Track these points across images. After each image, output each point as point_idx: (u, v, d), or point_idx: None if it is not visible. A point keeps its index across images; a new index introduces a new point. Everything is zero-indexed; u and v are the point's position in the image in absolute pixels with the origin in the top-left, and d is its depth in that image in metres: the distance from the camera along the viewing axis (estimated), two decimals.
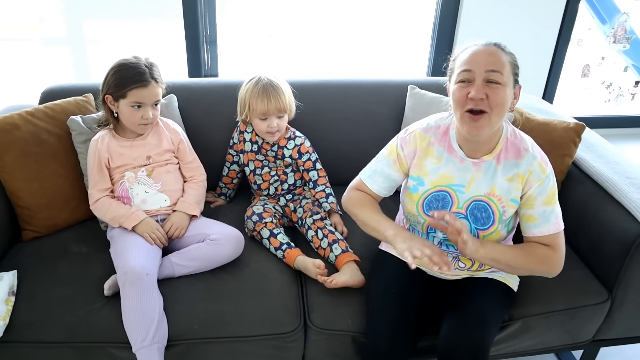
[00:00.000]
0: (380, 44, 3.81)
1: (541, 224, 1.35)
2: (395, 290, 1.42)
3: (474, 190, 1.37)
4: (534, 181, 1.33)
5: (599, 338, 1.67)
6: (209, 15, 2.78)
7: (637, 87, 3.79)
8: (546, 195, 1.34)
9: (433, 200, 1.40)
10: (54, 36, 3.64)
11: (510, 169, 1.34)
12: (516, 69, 1.29)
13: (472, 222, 1.38)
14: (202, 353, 1.42)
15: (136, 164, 1.63)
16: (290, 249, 1.61)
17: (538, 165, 1.33)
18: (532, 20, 2.99)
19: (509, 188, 1.35)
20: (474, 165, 1.36)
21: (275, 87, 1.68)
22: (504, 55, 1.27)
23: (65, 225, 1.70)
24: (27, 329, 1.37)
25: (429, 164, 1.40)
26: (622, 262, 1.53)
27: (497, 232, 1.38)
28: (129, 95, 1.54)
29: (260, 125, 1.70)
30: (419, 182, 1.42)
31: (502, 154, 1.35)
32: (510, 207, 1.36)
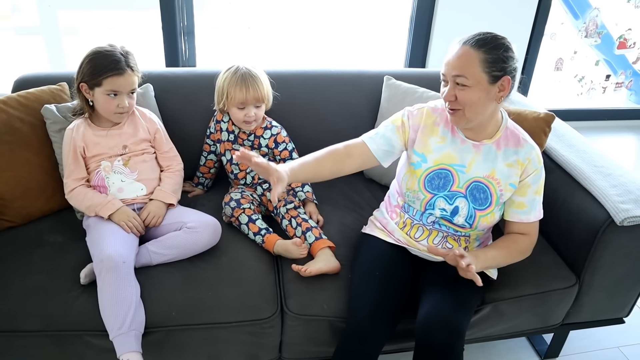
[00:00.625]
0: (359, 36, 3.83)
1: (529, 211, 1.46)
2: (379, 272, 1.46)
3: (474, 171, 1.44)
4: (531, 169, 1.43)
5: (568, 322, 1.73)
6: (186, 6, 2.76)
7: (608, 80, 3.88)
8: (538, 185, 1.45)
9: (435, 178, 1.46)
10: (27, 25, 3.58)
11: (510, 155, 1.43)
12: (496, 63, 1.30)
13: (471, 202, 1.45)
14: (180, 340, 1.43)
15: (112, 154, 1.62)
16: (269, 234, 1.63)
17: (536, 155, 1.44)
18: (507, 14, 3.04)
19: (509, 173, 1.43)
20: (474, 147, 1.44)
21: (253, 77, 1.69)
22: (475, 55, 1.29)
23: (41, 215, 1.69)
24: (3, 318, 1.37)
25: (433, 142, 1.47)
26: (590, 247, 1.58)
27: (492, 214, 1.46)
28: (104, 84, 1.53)
29: (238, 114, 1.71)
30: (423, 159, 1.47)
31: (502, 140, 1.44)
32: (507, 191, 1.45)
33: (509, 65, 1.32)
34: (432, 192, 1.46)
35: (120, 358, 1.32)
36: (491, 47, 1.30)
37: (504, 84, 1.32)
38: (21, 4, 3.54)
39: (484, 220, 1.46)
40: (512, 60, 1.32)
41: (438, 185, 1.46)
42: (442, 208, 1.46)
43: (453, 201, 1.45)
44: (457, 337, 1.32)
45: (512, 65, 1.32)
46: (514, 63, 1.33)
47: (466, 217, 1.45)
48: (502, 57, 1.30)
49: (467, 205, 1.45)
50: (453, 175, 1.45)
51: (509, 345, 1.95)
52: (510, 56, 1.32)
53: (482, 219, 1.45)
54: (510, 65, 1.32)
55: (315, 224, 1.68)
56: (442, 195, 1.46)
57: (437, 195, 1.46)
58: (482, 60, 1.30)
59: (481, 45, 1.30)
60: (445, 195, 1.46)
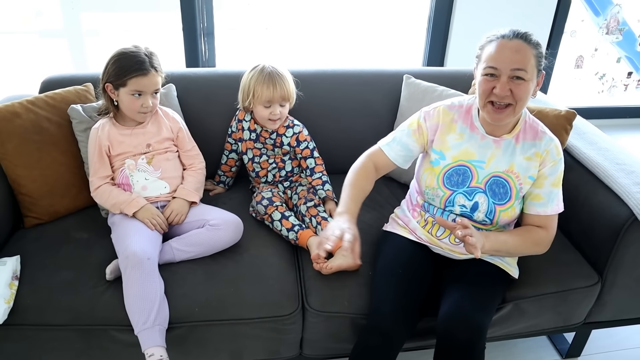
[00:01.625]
0: (377, 35, 3.84)
1: (546, 203, 1.44)
2: (401, 270, 1.46)
3: (493, 166, 1.44)
4: (549, 161, 1.42)
5: (590, 320, 1.71)
6: (206, 7, 2.79)
7: (629, 78, 3.83)
8: (556, 177, 1.44)
9: (454, 174, 1.47)
10: (51, 29, 3.65)
11: (529, 148, 1.43)
12: (541, 59, 1.35)
13: (490, 197, 1.45)
14: (202, 335, 1.46)
15: (136, 152, 1.65)
16: (302, 230, 1.65)
17: (555, 147, 1.43)
18: (526, 11, 3.01)
19: (528, 166, 1.43)
20: (494, 142, 1.44)
21: (280, 75, 1.71)
22: (529, 49, 1.32)
23: (67, 212, 1.73)
24: (31, 312, 1.40)
25: (451, 139, 1.47)
26: (612, 245, 1.56)
27: (513, 209, 1.46)
28: (129, 84, 1.56)
29: (263, 112, 1.73)
30: (441, 156, 1.48)
31: (521, 134, 1.44)
32: (526, 184, 1.44)
33: (543, 60, 1.37)
34: (451, 188, 1.47)
35: (145, 352, 1.34)
36: (537, 44, 1.34)
37: (539, 80, 1.38)
38: (44, 7, 3.61)
39: (504, 215, 1.45)
40: (543, 58, 1.37)
41: (457, 182, 1.46)
42: (461, 204, 1.46)
43: (472, 197, 1.45)
44: (479, 336, 1.32)
45: (543, 61, 1.37)
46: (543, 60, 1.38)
47: (486, 213, 1.45)
48: (542, 54, 1.36)
49: (487, 201, 1.45)
50: (472, 171, 1.46)
51: (530, 344, 1.94)
52: (542, 51, 1.36)
53: (503, 213, 1.45)
54: (543, 59, 1.37)
55: None
56: (461, 191, 1.46)
57: (457, 192, 1.46)
58: (534, 55, 1.33)
59: (531, 41, 1.33)
60: (464, 192, 1.46)
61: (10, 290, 1.40)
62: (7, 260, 1.47)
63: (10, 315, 1.38)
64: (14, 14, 3.59)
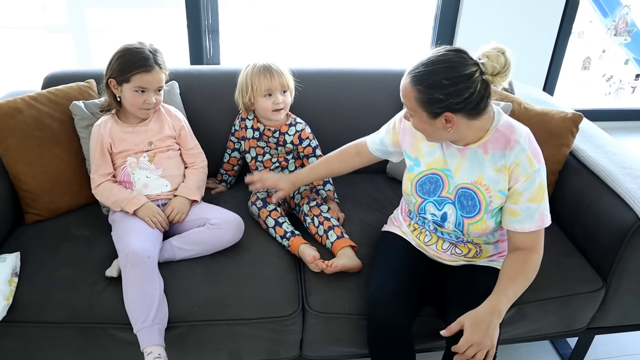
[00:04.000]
0: (383, 34, 3.82)
1: (524, 220, 1.33)
2: (396, 264, 1.46)
3: (460, 177, 1.38)
4: (520, 175, 1.30)
5: (594, 326, 1.70)
6: (211, 4, 2.78)
7: (637, 80, 3.79)
8: (532, 191, 1.31)
9: (426, 182, 1.44)
10: (56, 24, 3.65)
11: (499, 159, 1.32)
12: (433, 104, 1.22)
13: (458, 209, 1.39)
14: (202, 335, 1.45)
15: (138, 150, 1.64)
16: (294, 237, 1.63)
17: (526, 159, 1.29)
18: (534, 12, 2.99)
19: (497, 179, 1.33)
20: (459, 151, 1.37)
21: (274, 66, 1.72)
22: (412, 92, 1.24)
23: (68, 209, 1.72)
24: (30, 309, 1.40)
25: (425, 146, 1.44)
26: (617, 250, 1.54)
27: (483, 222, 1.38)
28: (132, 80, 1.55)
29: (265, 103, 1.71)
30: (416, 163, 1.46)
31: (490, 143, 1.33)
32: (497, 197, 1.34)
33: (450, 102, 1.21)
34: (422, 196, 1.44)
35: (144, 351, 1.34)
36: (426, 86, 1.21)
37: (447, 118, 1.25)
38: (50, 2, 3.61)
39: (473, 228, 1.39)
40: (454, 96, 1.20)
41: (429, 190, 1.43)
42: (432, 213, 1.44)
43: (442, 207, 1.42)
44: None
45: (454, 101, 1.21)
46: (458, 98, 1.21)
47: (455, 224, 1.41)
48: (438, 98, 1.21)
49: (455, 212, 1.40)
50: (443, 181, 1.41)
51: (532, 348, 1.93)
52: (450, 93, 1.20)
53: (471, 226, 1.39)
54: (451, 101, 1.21)
55: (337, 222, 1.68)
56: (431, 200, 1.43)
57: (427, 200, 1.43)
58: (417, 98, 1.24)
59: (417, 82, 1.23)
60: (435, 201, 1.42)
61: (10, 287, 1.40)
62: (7, 256, 1.46)
63: (9, 312, 1.38)
64: (19, 9, 3.59)
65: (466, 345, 1.23)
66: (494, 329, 1.25)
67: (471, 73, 1.20)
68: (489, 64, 1.20)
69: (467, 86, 1.20)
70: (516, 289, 1.32)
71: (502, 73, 1.21)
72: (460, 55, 1.23)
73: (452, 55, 1.22)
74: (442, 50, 1.24)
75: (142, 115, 1.63)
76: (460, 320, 1.26)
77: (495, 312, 1.26)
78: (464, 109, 1.23)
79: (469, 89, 1.20)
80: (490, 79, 1.22)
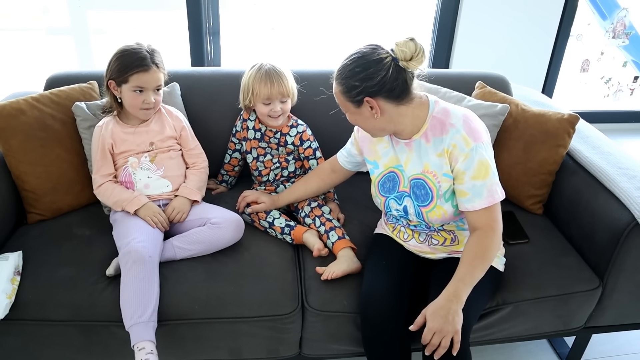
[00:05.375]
0: (383, 36, 3.83)
1: (472, 198, 1.36)
2: (386, 262, 1.50)
3: (410, 169, 1.45)
4: (458, 155, 1.35)
5: (591, 325, 1.71)
6: (212, 6, 2.80)
7: (636, 82, 3.81)
8: (474, 169, 1.34)
9: (386, 181, 1.52)
10: (57, 26, 3.67)
11: (439, 144, 1.39)
12: (351, 91, 1.33)
13: (414, 200, 1.46)
14: (202, 333, 1.46)
15: (139, 150, 1.66)
16: (293, 229, 1.66)
17: (462, 139, 1.34)
18: (532, 14, 3.01)
19: (440, 163, 1.40)
20: (406, 145, 1.45)
21: (278, 72, 1.72)
22: (337, 87, 1.37)
23: (70, 209, 1.74)
24: (32, 308, 1.41)
25: (380, 148, 1.52)
26: (613, 250, 1.56)
27: (439, 207, 1.42)
28: (130, 80, 1.57)
29: (263, 109, 1.73)
30: (375, 166, 1.54)
31: (429, 131, 1.40)
32: (444, 181, 1.40)
33: (364, 86, 1.30)
34: (384, 195, 1.52)
35: (136, 345, 1.33)
36: (344, 78, 1.33)
37: (369, 104, 1.33)
38: (52, 5, 3.63)
39: (432, 215, 1.44)
40: (367, 80, 1.30)
41: (389, 188, 1.51)
42: (396, 209, 1.51)
43: (402, 201, 1.49)
44: (463, 336, 1.30)
45: (368, 85, 1.30)
46: (371, 81, 1.30)
47: (415, 215, 1.47)
48: (353, 84, 1.31)
49: (412, 203, 1.46)
50: (399, 177, 1.49)
51: (530, 347, 1.94)
52: (363, 77, 1.30)
53: (430, 214, 1.44)
54: (365, 85, 1.30)
55: (338, 223, 1.70)
56: (392, 197, 1.51)
57: (389, 197, 1.51)
58: (341, 92, 1.36)
59: (337, 78, 1.36)
60: (395, 197, 1.50)
61: (12, 286, 1.42)
62: (9, 255, 1.48)
63: (12, 310, 1.39)
64: (21, 11, 3.62)
65: (429, 333, 1.26)
66: (454, 314, 1.27)
67: (380, 58, 1.30)
68: (398, 49, 1.30)
69: (377, 69, 1.30)
70: (474, 273, 1.34)
71: (415, 58, 1.30)
72: (371, 47, 1.34)
73: (364, 48, 1.34)
74: (357, 48, 1.36)
75: (142, 116, 1.65)
76: (423, 312, 1.30)
77: (454, 298, 1.29)
78: (381, 91, 1.31)
79: (380, 71, 1.29)
80: (404, 64, 1.30)
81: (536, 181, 1.81)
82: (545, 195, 1.85)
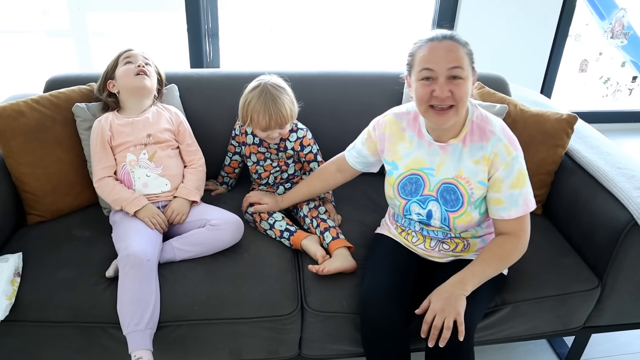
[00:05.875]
0: (382, 37, 3.84)
1: (509, 207, 1.37)
2: (387, 263, 1.49)
3: (443, 173, 1.42)
4: (500, 164, 1.35)
5: (590, 325, 1.71)
6: (211, 8, 2.81)
7: (634, 82, 3.82)
8: (513, 178, 1.35)
9: (407, 183, 1.47)
10: (57, 28, 3.68)
11: (477, 151, 1.37)
12: (472, 57, 1.33)
13: (442, 204, 1.43)
14: (202, 334, 1.46)
15: (137, 142, 1.66)
16: (293, 235, 1.66)
17: (504, 147, 1.34)
18: (530, 15, 3.02)
19: (476, 170, 1.38)
20: (441, 148, 1.41)
21: (277, 102, 1.63)
22: (461, 48, 1.29)
23: (69, 211, 1.74)
24: (32, 309, 1.41)
25: (402, 148, 1.47)
26: (612, 249, 1.56)
27: (468, 214, 1.42)
28: (120, 61, 1.71)
29: (261, 134, 1.71)
30: (394, 167, 1.49)
31: (468, 136, 1.38)
32: (478, 189, 1.39)
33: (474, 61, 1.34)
34: (405, 197, 1.48)
35: (133, 354, 1.34)
36: (465, 42, 1.32)
37: (474, 78, 1.34)
38: (52, 7, 3.64)
39: (459, 222, 1.43)
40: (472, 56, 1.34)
41: (410, 191, 1.46)
42: (417, 213, 1.47)
43: (426, 205, 1.45)
44: (467, 335, 1.31)
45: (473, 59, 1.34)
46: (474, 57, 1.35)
47: (441, 220, 1.44)
48: (472, 52, 1.33)
49: (440, 208, 1.43)
50: (424, 180, 1.44)
51: (529, 347, 1.94)
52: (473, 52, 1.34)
53: (457, 220, 1.42)
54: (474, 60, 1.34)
55: (333, 223, 1.70)
56: (415, 200, 1.46)
57: (411, 201, 1.47)
58: (466, 54, 1.30)
59: (459, 40, 1.31)
60: (418, 200, 1.46)
61: (12, 287, 1.42)
62: (9, 257, 1.48)
63: (12, 312, 1.39)
64: (22, 13, 3.62)
65: (431, 314, 1.31)
66: (456, 298, 1.31)
67: None
68: None
69: None
70: (486, 270, 1.37)
71: None
72: None
73: None
74: None
75: (138, 82, 1.68)
76: (429, 296, 1.34)
77: (459, 284, 1.33)
78: None
79: None
80: None
81: (535, 181, 1.81)
82: (544, 195, 1.85)
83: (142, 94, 1.71)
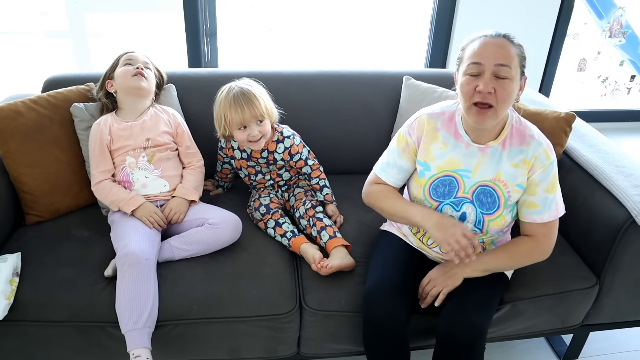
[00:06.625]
0: (380, 37, 3.85)
1: (542, 210, 1.39)
2: (393, 262, 1.47)
3: (480, 175, 1.40)
4: (538, 167, 1.36)
5: (588, 323, 1.71)
6: (209, 8, 2.81)
7: (632, 81, 3.82)
8: (548, 182, 1.37)
9: (440, 185, 1.43)
10: (55, 29, 3.68)
11: (516, 154, 1.37)
12: (523, 61, 1.31)
13: (477, 207, 1.40)
14: (201, 333, 1.47)
15: (136, 146, 1.67)
16: (295, 237, 1.65)
17: (543, 151, 1.36)
18: (529, 14, 3.02)
19: (515, 174, 1.37)
20: (480, 150, 1.39)
21: (246, 94, 1.61)
22: (512, 47, 1.29)
23: (68, 211, 1.75)
24: (31, 309, 1.41)
25: (435, 149, 1.43)
26: (610, 248, 1.56)
27: (502, 217, 1.41)
28: (120, 62, 1.71)
29: (241, 135, 1.64)
30: (426, 167, 1.44)
31: (507, 140, 1.38)
32: (515, 192, 1.39)
33: (525, 66, 1.33)
34: (437, 199, 1.43)
35: (131, 352, 1.34)
36: (519, 44, 1.32)
37: (522, 83, 1.34)
38: (50, 8, 3.64)
39: (493, 225, 1.42)
40: (525, 61, 1.33)
41: (443, 193, 1.42)
42: (450, 215, 1.43)
43: (460, 207, 1.42)
44: (479, 336, 1.33)
45: (525, 65, 1.33)
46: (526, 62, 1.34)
47: (475, 223, 1.42)
48: (525, 56, 1.32)
49: (475, 211, 1.41)
50: (458, 181, 1.41)
51: (528, 345, 1.94)
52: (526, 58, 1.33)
53: (492, 223, 1.41)
54: (525, 66, 1.33)
55: (330, 222, 1.69)
56: (448, 202, 1.42)
57: (444, 203, 1.43)
58: (517, 55, 1.29)
59: (513, 41, 1.30)
60: (451, 202, 1.42)
61: (11, 287, 1.42)
62: (8, 257, 1.48)
63: (11, 312, 1.40)
64: (20, 14, 3.62)
65: (426, 280, 1.43)
66: (452, 275, 1.41)
67: None
68: None
69: None
70: (497, 262, 1.43)
71: None
72: None
73: None
74: None
75: (136, 82, 1.68)
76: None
77: (461, 264, 1.39)
78: None
79: None
80: None
81: None
82: None
83: (139, 95, 1.70)
